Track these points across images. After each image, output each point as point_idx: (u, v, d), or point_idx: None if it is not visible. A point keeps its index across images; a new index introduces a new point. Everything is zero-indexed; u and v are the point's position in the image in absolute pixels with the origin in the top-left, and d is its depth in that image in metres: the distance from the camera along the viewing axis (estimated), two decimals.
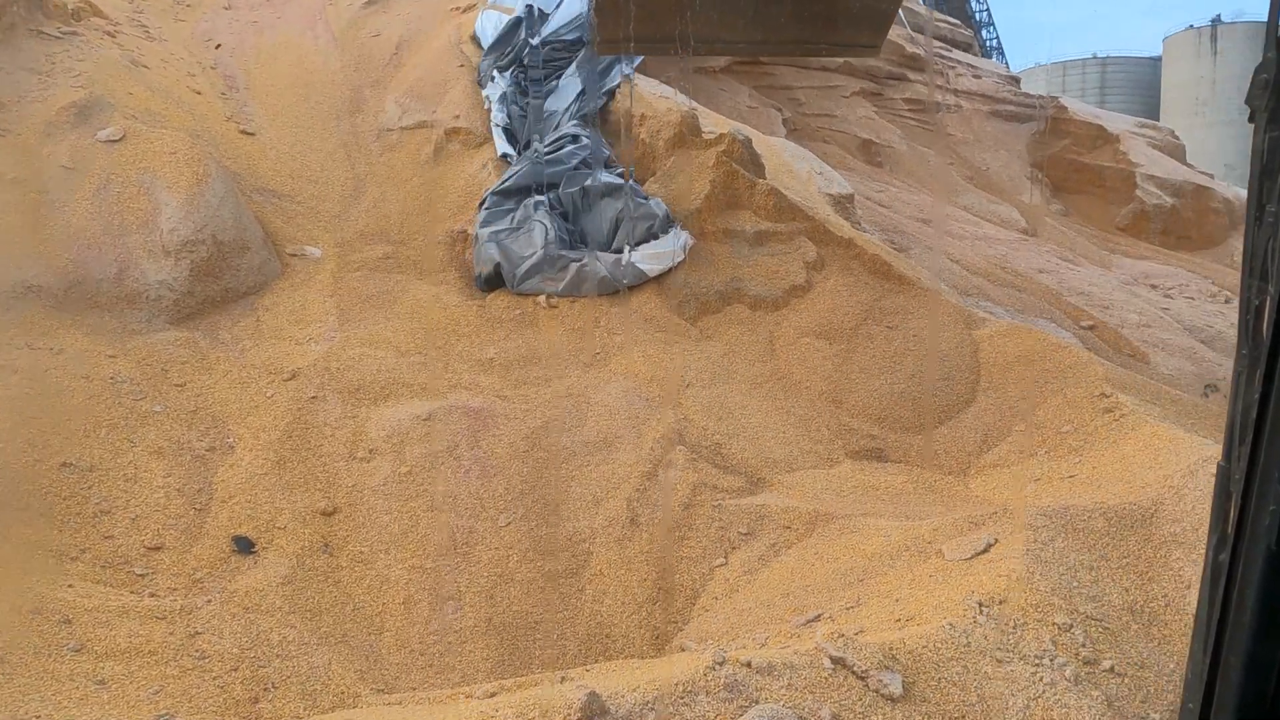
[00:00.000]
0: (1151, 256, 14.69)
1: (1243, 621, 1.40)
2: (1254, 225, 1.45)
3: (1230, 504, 1.43)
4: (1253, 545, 1.39)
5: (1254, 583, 1.38)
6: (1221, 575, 1.44)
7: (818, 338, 8.13)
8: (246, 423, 6.25)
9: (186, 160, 8.14)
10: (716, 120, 11.66)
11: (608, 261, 8.58)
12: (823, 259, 9.14)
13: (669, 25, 8.25)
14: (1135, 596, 4.15)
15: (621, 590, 5.19)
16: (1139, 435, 5.74)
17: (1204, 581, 1.51)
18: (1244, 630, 1.40)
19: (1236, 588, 1.42)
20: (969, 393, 7.54)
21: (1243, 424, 1.42)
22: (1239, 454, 1.42)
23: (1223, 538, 1.45)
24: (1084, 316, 10.65)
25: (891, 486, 6.21)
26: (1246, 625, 1.40)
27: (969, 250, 12.19)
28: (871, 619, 4.14)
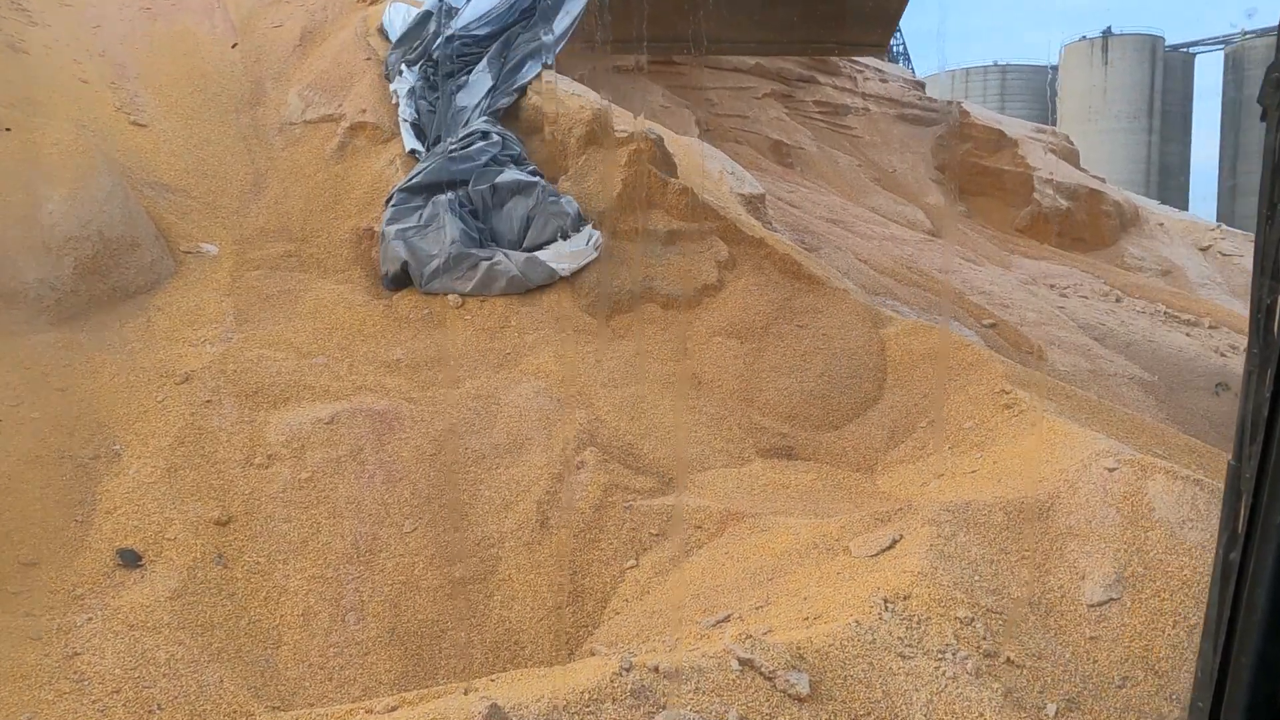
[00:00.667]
0: (1048, 257, 15.25)
1: (1253, 621, 1.39)
2: (1265, 224, 1.45)
3: (1240, 503, 1.42)
4: (1263, 544, 1.38)
5: (1264, 582, 1.38)
6: (1232, 574, 1.43)
7: (729, 337, 8.16)
8: (134, 429, 5.93)
9: (71, 152, 7.71)
10: (630, 119, 11.63)
11: (518, 260, 8.46)
12: (734, 258, 9.19)
13: (676, 25, 8.16)
14: (1033, 588, 4.26)
15: (531, 595, 5.10)
16: (1037, 430, 5.91)
17: (1214, 580, 1.50)
18: (1254, 630, 1.39)
19: (1247, 587, 1.40)
20: (876, 390, 7.67)
21: (1253, 423, 1.41)
22: (1250, 453, 1.41)
23: (1233, 536, 1.44)
24: (986, 315, 10.97)
25: (801, 484, 6.26)
26: (1257, 625, 1.39)
27: (877, 250, 12.44)
28: (780, 618, 4.14)
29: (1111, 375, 10.27)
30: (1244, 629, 1.40)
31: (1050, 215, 16.47)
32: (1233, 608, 1.42)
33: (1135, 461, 4.79)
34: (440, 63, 11.58)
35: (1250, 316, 1.40)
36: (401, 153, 10.43)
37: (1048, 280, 13.50)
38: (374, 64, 12.29)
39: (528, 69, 11.81)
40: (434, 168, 9.42)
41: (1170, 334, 12.35)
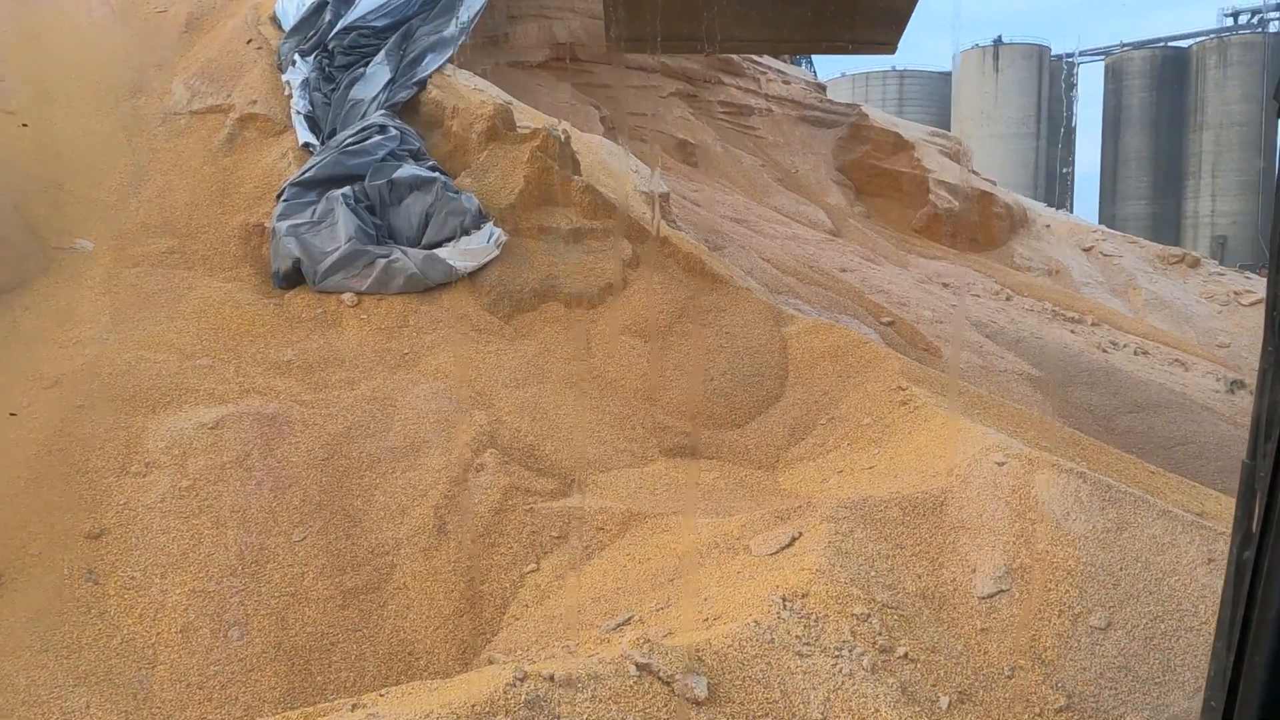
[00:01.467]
0: (943, 257, 15.71)
1: (1267, 619, 1.38)
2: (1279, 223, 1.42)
3: (1255, 501, 1.41)
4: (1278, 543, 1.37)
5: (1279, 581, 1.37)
6: (1246, 573, 1.42)
7: (633, 336, 8.12)
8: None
9: None
10: (533, 115, 11.48)
11: (417, 258, 8.24)
12: (639, 257, 9.15)
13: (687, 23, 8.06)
14: (927, 582, 4.33)
15: (427, 603, 4.94)
16: (931, 426, 6.03)
17: (1227, 579, 1.48)
18: (1269, 627, 1.38)
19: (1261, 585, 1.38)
20: (778, 388, 7.73)
21: (1268, 421, 1.41)
22: (1265, 451, 1.41)
23: (1247, 535, 1.43)
24: (884, 313, 11.21)
25: (704, 483, 6.25)
26: (1271, 622, 1.37)
27: (779, 249, 12.59)
28: (681, 620, 4.10)
29: (1002, 371, 10.62)
30: (1258, 627, 1.38)
31: (945, 216, 16.99)
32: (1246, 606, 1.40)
33: (1023, 456, 4.92)
34: (336, 54, 11.23)
35: (1266, 315, 1.38)
36: (294, 146, 10.05)
37: (942, 279, 13.90)
38: (266, 53, 11.83)
39: (428, 62, 11.55)
40: (328, 162, 9.10)
41: (1056, 331, 12.86)
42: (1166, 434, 10.11)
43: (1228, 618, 1.46)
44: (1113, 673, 3.80)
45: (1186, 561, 4.18)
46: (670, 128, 16.65)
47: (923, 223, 17.15)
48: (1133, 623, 3.95)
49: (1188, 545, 4.24)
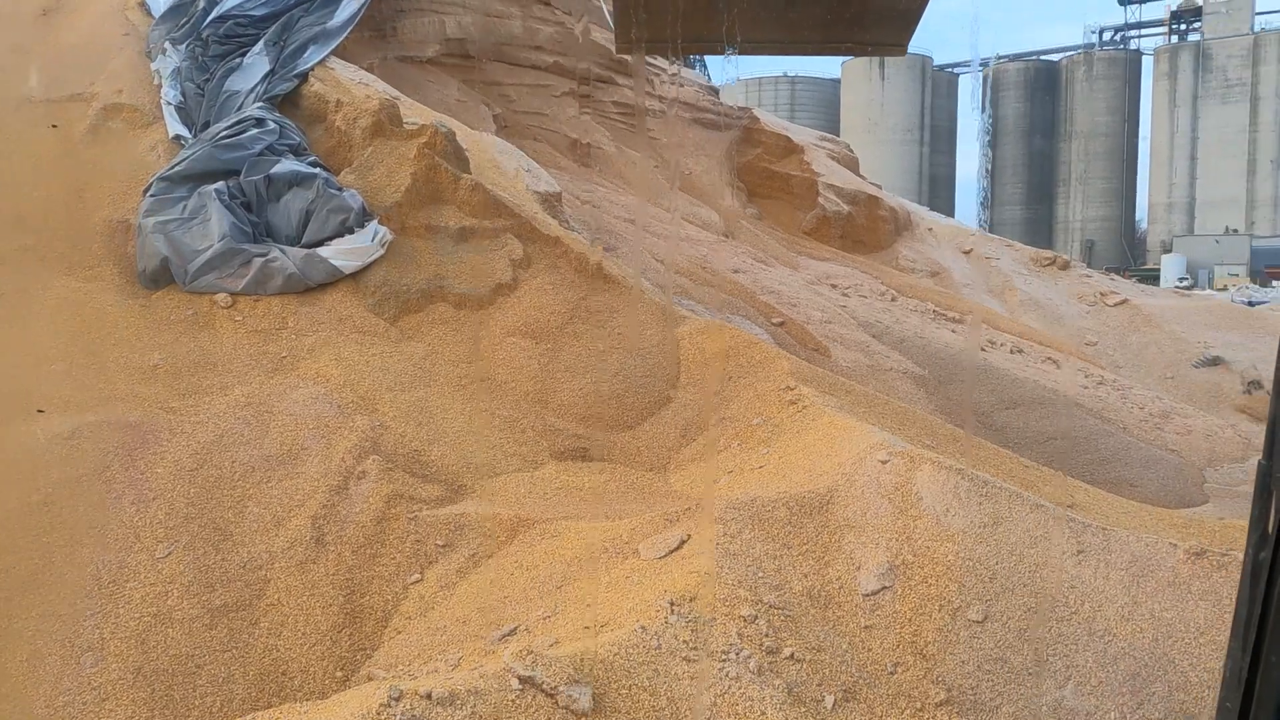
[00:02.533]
0: (832, 258, 16.07)
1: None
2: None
3: (1271, 503, 1.40)
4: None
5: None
6: (1262, 574, 1.40)
7: (524, 337, 7.98)
8: None
9: None
10: (420, 111, 11.19)
11: (296, 257, 7.90)
12: (529, 257, 9.02)
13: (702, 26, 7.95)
14: (813, 581, 4.35)
15: (303, 619, 4.71)
16: (818, 425, 6.10)
17: (1243, 580, 1.47)
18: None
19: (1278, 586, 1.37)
20: (670, 389, 7.72)
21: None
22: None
23: (1263, 536, 1.42)
24: (775, 313, 11.37)
25: (595, 486, 6.18)
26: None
27: (673, 250, 12.63)
28: (568, 628, 4.01)
29: (888, 370, 10.90)
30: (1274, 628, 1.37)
31: (833, 219, 17.38)
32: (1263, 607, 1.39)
33: (905, 454, 5.01)
34: (210, 43, 10.72)
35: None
36: (164, 138, 9.54)
37: (831, 280, 14.21)
38: (133, 40, 11.22)
39: (310, 54, 11.15)
40: (201, 155, 8.66)
41: (938, 330, 13.29)
42: (1040, 429, 10.56)
43: (1243, 618, 1.45)
44: (989, 665, 3.90)
45: (1057, 554, 4.32)
46: (564, 127, 16.53)
47: (812, 225, 17.51)
48: (1008, 615, 4.06)
49: (1059, 538, 4.39)
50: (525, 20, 17.98)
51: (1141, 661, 3.78)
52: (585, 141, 16.37)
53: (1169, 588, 4.00)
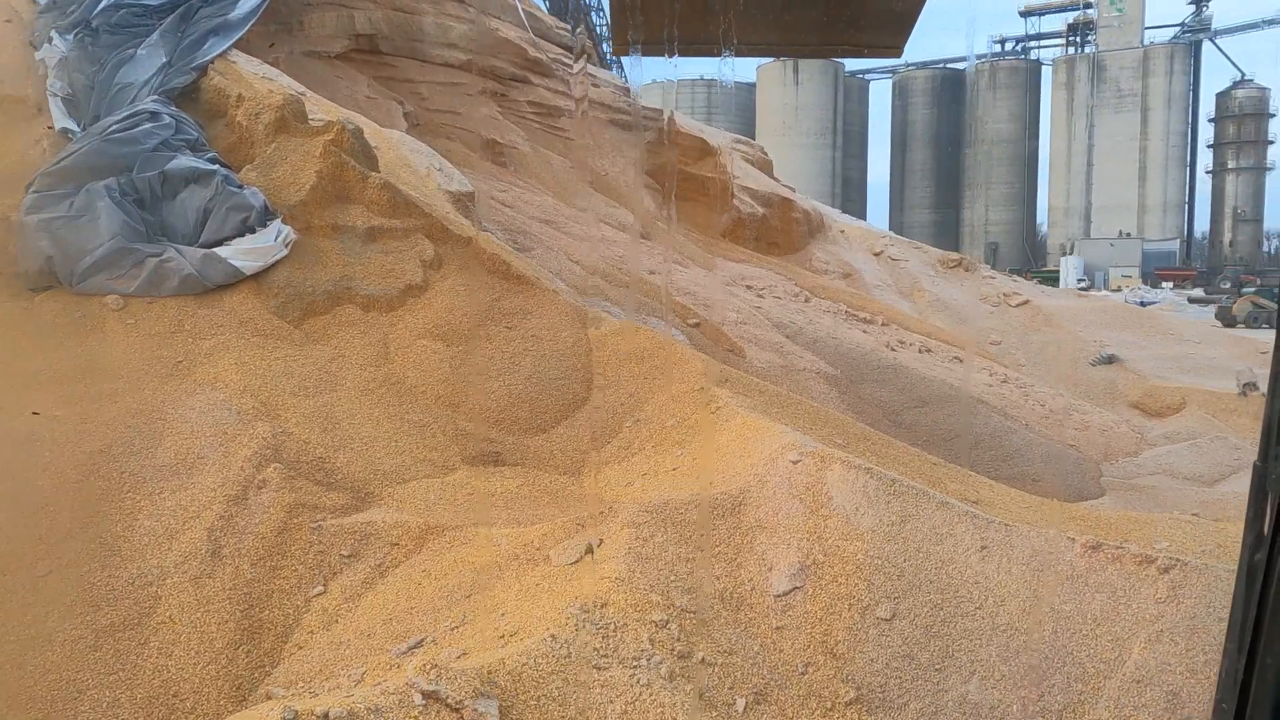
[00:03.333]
0: (747, 260, 16.22)
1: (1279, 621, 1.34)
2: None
3: (1267, 504, 1.38)
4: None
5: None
6: (1257, 575, 1.39)
7: (435, 339, 7.81)
8: None
9: None
10: (327, 107, 10.88)
11: (194, 257, 7.58)
12: (441, 258, 8.83)
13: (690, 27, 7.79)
14: (725, 584, 4.34)
15: (197, 637, 4.49)
16: (731, 426, 6.11)
17: (1238, 581, 1.45)
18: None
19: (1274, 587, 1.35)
20: (585, 391, 7.65)
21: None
22: (1276, 453, 1.38)
23: (1259, 538, 1.39)
24: (690, 315, 11.40)
25: (507, 491, 6.07)
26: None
27: (588, 251, 12.56)
28: (476, 638, 3.91)
29: (801, 370, 11.04)
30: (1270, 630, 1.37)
31: (748, 221, 17.56)
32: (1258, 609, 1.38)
33: (816, 453, 5.05)
34: (101, 32, 10.23)
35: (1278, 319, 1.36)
36: (49, 131, 9.05)
37: (746, 281, 14.34)
38: (15, 27, 10.64)
39: (210, 46, 10.73)
40: (89, 149, 8.23)
41: (850, 331, 13.53)
42: (947, 426, 10.83)
43: (1239, 619, 1.45)
44: (898, 662, 3.94)
45: (962, 550, 4.40)
46: (478, 126, 16.31)
47: (727, 226, 17.65)
48: (915, 612, 4.11)
49: (963, 534, 4.47)
50: (437, 17, 17.68)
51: (1042, 654, 3.87)
52: (500, 141, 16.17)
53: (1067, 581, 4.11)
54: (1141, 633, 3.80)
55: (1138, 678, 3.64)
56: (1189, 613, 3.79)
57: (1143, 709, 3.56)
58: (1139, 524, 6.73)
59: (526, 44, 19.54)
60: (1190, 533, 6.64)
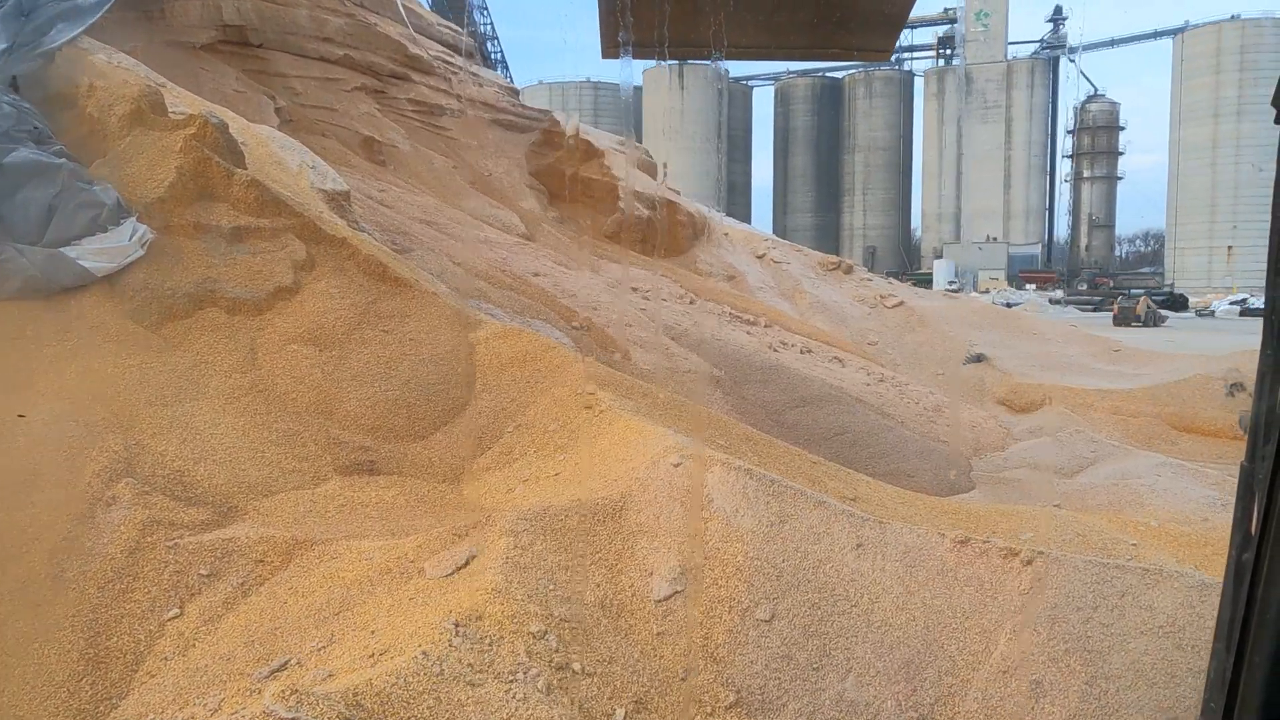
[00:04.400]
0: (633, 262, 16.24)
1: (1267, 620, 1.36)
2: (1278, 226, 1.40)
3: (1254, 503, 1.38)
4: (1278, 545, 1.34)
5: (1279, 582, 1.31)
6: (1246, 574, 1.39)
7: (306, 344, 7.49)
8: None
9: None
10: (189, 100, 10.32)
11: (37, 258, 7.03)
12: (314, 259, 8.48)
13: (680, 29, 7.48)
14: (606, 590, 4.27)
15: (34, 669, 4.14)
16: (614, 430, 6.06)
17: (1226, 580, 1.45)
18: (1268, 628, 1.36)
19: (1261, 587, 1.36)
20: (466, 396, 7.47)
21: (1267, 423, 1.38)
22: (1263, 453, 1.39)
23: (1246, 537, 1.40)
24: (575, 317, 11.32)
25: (382, 501, 5.85)
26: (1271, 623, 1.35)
27: (471, 253, 12.32)
28: (344, 658, 3.72)
29: (686, 372, 11.10)
30: (1258, 629, 1.38)
31: (634, 223, 17.61)
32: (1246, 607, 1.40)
33: (697, 456, 5.04)
34: None
35: (1264, 319, 1.33)
36: None
37: (631, 284, 14.34)
38: None
39: (58, 32, 10.02)
40: None
41: (734, 332, 13.71)
42: (827, 425, 11.08)
43: (1227, 618, 1.45)
44: (776, 663, 3.95)
45: (839, 548, 4.46)
46: (355, 123, 15.81)
47: (613, 229, 17.65)
48: (794, 612, 4.13)
49: (840, 533, 4.53)
50: (312, 10, 17.07)
51: (915, 649, 3.95)
52: (379, 139, 15.72)
53: (938, 576, 4.21)
54: (1007, 624, 3.92)
55: (1004, 668, 3.75)
56: (1050, 603, 3.94)
57: (1008, 699, 3.67)
58: (1006, 516, 7.01)
59: (406, 40, 19.08)
60: (1052, 523, 6.96)
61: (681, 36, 7.96)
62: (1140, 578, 3.93)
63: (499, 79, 24.64)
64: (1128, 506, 9.10)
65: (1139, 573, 3.97)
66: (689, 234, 18.85)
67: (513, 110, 20.35)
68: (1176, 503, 8.96)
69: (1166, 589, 3.85)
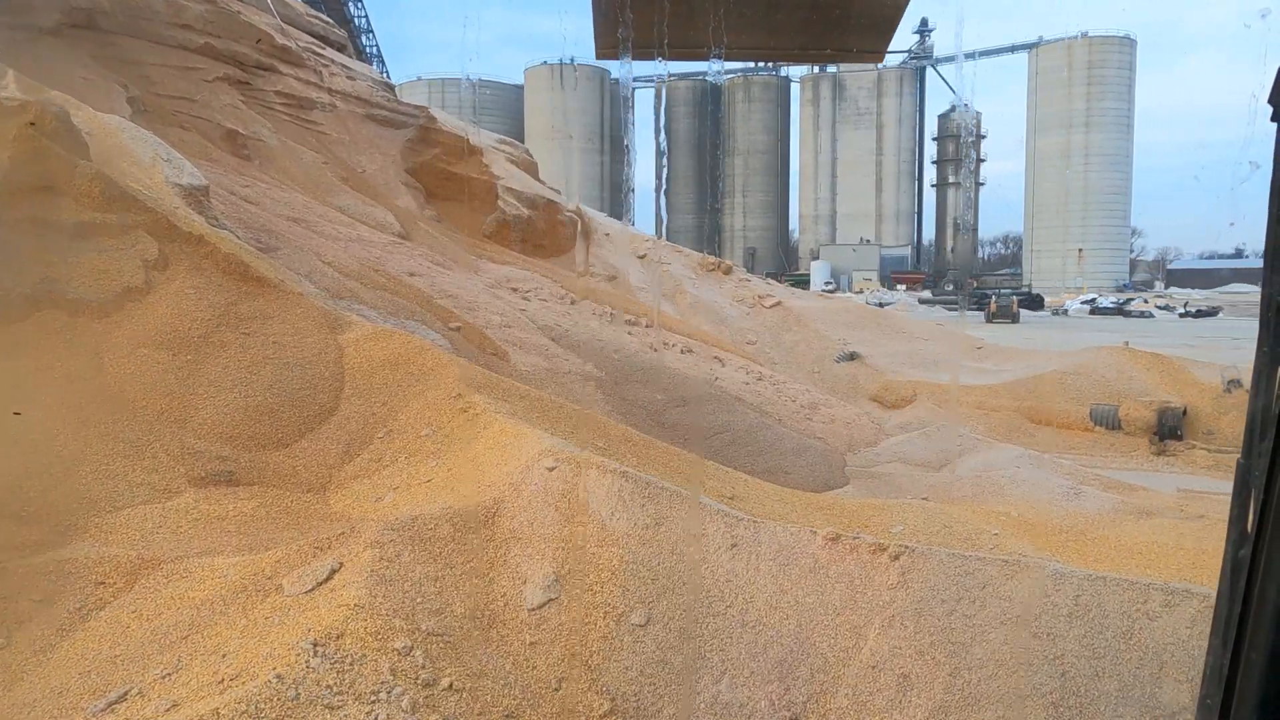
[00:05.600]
0: (513, 262, 16.02)
1: (1264, 616, 1.37)
2: (1276, 223, 1.40)
3: (1250, 500, 1.39)
4: (1274, 541, 1.35)
5: (1275, 578, 1.35)
6: (1242, 571, 1.41)
7: (158, 348, 7.03)
8: None
9: None
10: (27, 86, 9.57)
11: None
12: (167, 257, 7.99)
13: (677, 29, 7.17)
14: (477, 601, 4.13)
15: None
16: (489, 434, 5.91)
17: (1223, 576, 1.46)
18: (1265, 624, 1.37)
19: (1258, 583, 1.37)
20: (333, 401, 7.16)
21: (1263, 420, 1.39)
22: (1260, 450, 1.39)
23: (1243, 534, 1.41)
24: (453, 318, 11.05)
25: (241, 514, 5.52)
26: (1267, 619, 1.37)
27: (343, 252, 11.88)
28: (191, 685, 3.47)
29: (567, 373, 10.99)
30: (1255, 625, 1.39)
31: (513, 223, 17.37)
32: (1243, 604, 1.41)
33: (572, 459, 4.95)
34: None
35: (1260, 315, 1.31)
36: None
37: (511, 284, 14.13)
38: None
39: None
40: None
41: (616, 333, 13.68)
42: (707, 424, 11.17)
43: (1224, 615, 1.47)
44: (651, 668, 3.90)
45: (714, 549, 4.45)
46: (217, 115, 15.03)
47: (492, 228, 17.37)
48: (669, 616, 4.09)
49: (715, 533, 4.52)
50: None
51: (787, 648, 3.97)
52: (243, 132, 14.99)
53: (810, 574, 4.25)
54: (876, 619, 3.98)
55: (873, 664, 3.81)
56: (917, 597, 4.02)
57: (877, 694, 3.73)
58: (878, 510, 7.20)
59: (274, 30, 18.28)
60: (921, 515, 7.18)
61: (679, 37, 7.98)
62: (1000, 569, 4.06)
63: (374, 73, 23.93)
64: (990, 497, 9.51)
65: (999, 564, 4.10)
66: (570, 234, 18.73)
67: (388, 106, 19.77)
68: (1034, 492, 9.42)
69: (1023, 580, 3.99)
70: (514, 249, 17.07)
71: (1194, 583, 4.10)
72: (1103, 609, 3.83)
